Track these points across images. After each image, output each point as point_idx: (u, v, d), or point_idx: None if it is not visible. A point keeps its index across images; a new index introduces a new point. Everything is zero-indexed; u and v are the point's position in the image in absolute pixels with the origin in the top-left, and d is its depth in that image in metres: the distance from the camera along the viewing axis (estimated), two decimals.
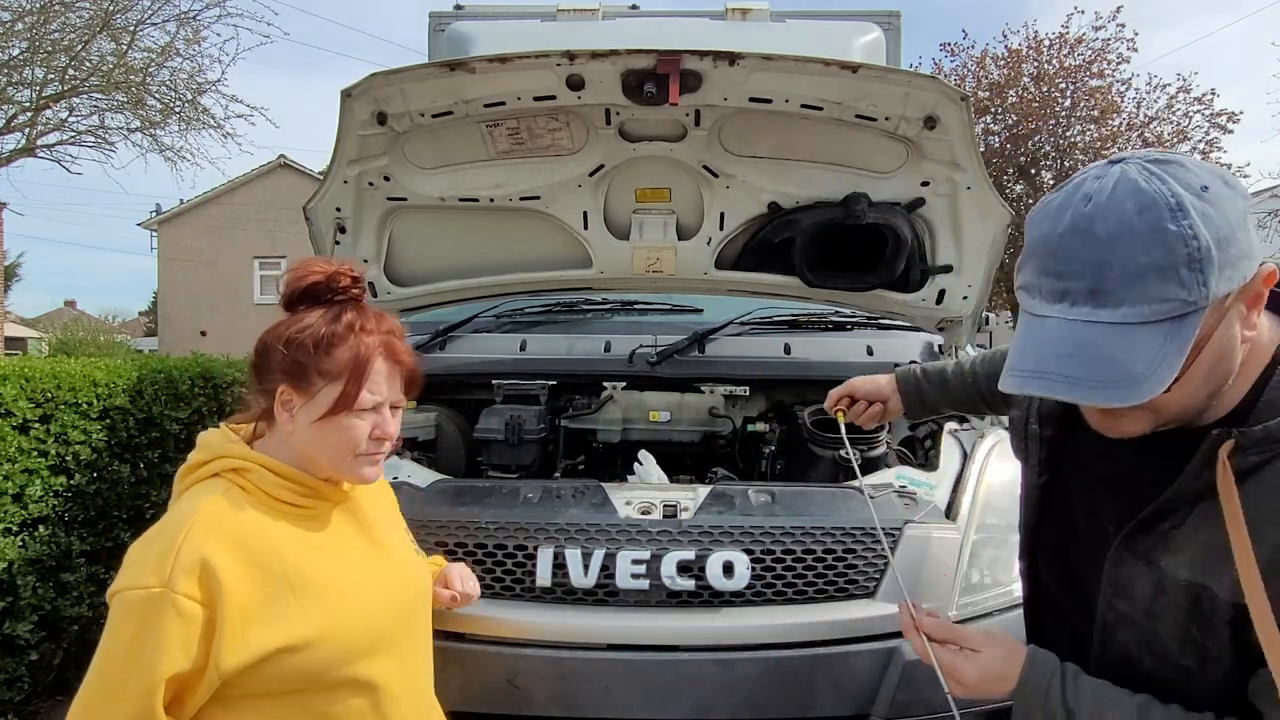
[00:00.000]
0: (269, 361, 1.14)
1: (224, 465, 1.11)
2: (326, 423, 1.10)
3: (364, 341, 1.13)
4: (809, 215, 2.45)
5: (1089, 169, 0.83)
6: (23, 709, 2.96)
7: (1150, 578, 0.89)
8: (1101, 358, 0.77)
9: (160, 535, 1.03)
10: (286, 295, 1.18)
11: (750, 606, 1.75)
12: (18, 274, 27.92)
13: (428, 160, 2.35)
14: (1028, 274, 0.83)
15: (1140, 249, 0.75)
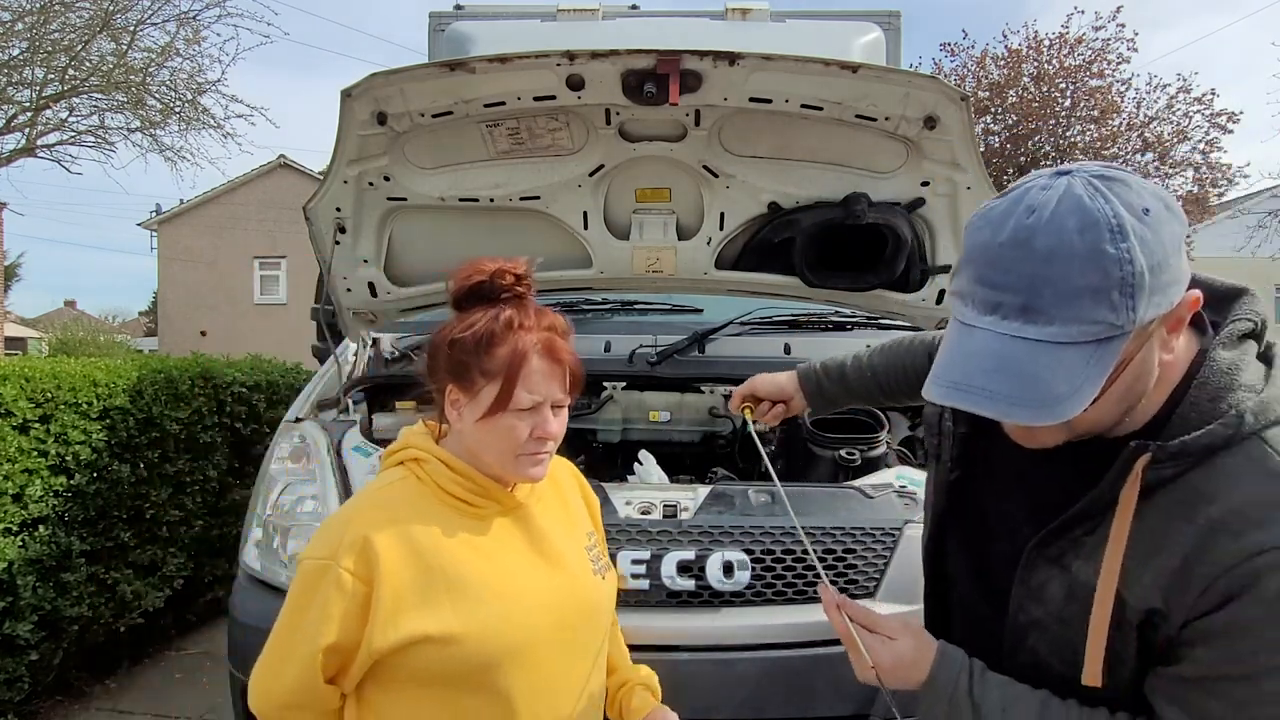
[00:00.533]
0: (437, 362, 1.17)
1: (408, 455, 1.18)
2: (488, 422, 1.12)
3: (522, 339, 1.12)
4: (809, 215, 2.45)
5: (1036, 177, 0.82)
6: (23, 709, 2.96)
7: (1062, 582, 0.91)
8: (1026, 375, 0.77)
9: (342, 512, 1.15)
10: (454, 295, 1.18)
11: (750, 606, 1.75)
12: (18, 274, 27.93)
13: (428, 160, 2.35)
14: (963, 281, 0.82)
15: (1077, 269, 0.75)
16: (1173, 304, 0.79)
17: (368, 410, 2.45)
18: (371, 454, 2.15)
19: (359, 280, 2.60)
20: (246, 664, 1.89)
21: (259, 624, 1.91)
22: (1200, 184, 15.69)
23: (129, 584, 3.30)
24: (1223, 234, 20.09)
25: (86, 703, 3.27)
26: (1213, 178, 15.60)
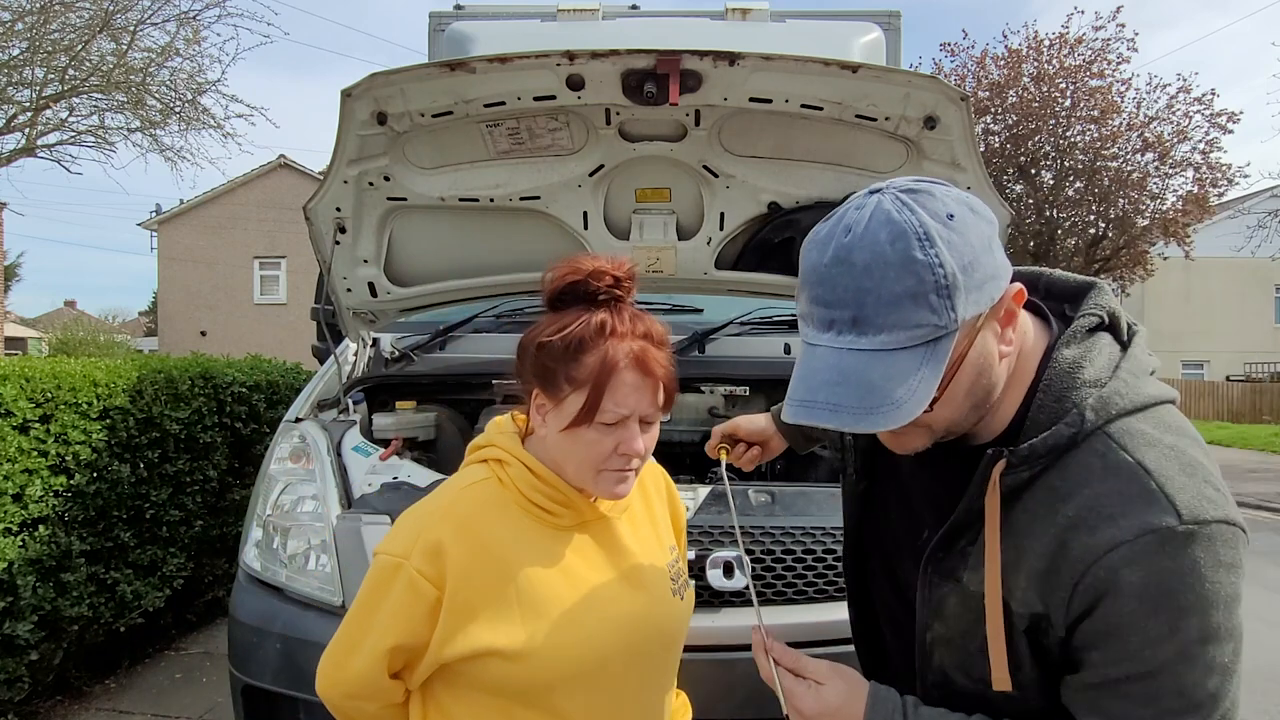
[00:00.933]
0: (524, 364, 1.12)
1: (491, 455, 1.13)
2: (571, 433, 1.05)
3: (613, 348, 1.04)
4: (809, 215, 2.45)
5: (851, 199, 0.86)
6: (23, 709, 2.96)
7: (957, 595, 0.92)
8: (864, 384, 0.80)
9: (422, 507, 1.10)
10: (548, 293, 1.10)
11: (751, 607, 1.75)
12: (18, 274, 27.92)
13: (428, 160, 2.35)
14: (802, 303, 0.86)
15: (894, 278, 0.78)
16: (994, 299, 0.83)
17: (368, 410, 2.45)
18: (371, 454, 2.15)
19: (359, 280, 2.60)
20: (246, 664, 1.90)
21: (259, 624, 1.92)
22: (1200, 184, 15.68)
23: (129, 584, 3.30)
24: (1223, 234, 20.12)
25: (86, 703, 3.27)
26: (1213, 178, 15.59)
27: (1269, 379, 24.31)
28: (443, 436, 2.53)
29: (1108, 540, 0.79)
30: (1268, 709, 3.61)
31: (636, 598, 1.12)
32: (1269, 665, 4.10)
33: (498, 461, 1.12)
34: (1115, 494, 0.81)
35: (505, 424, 1.19)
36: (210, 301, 23.45)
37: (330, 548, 1.90)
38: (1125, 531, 0.79)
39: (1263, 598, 5.40)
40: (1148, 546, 0.78)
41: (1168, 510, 0.79)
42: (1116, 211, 16.02)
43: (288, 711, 1.86)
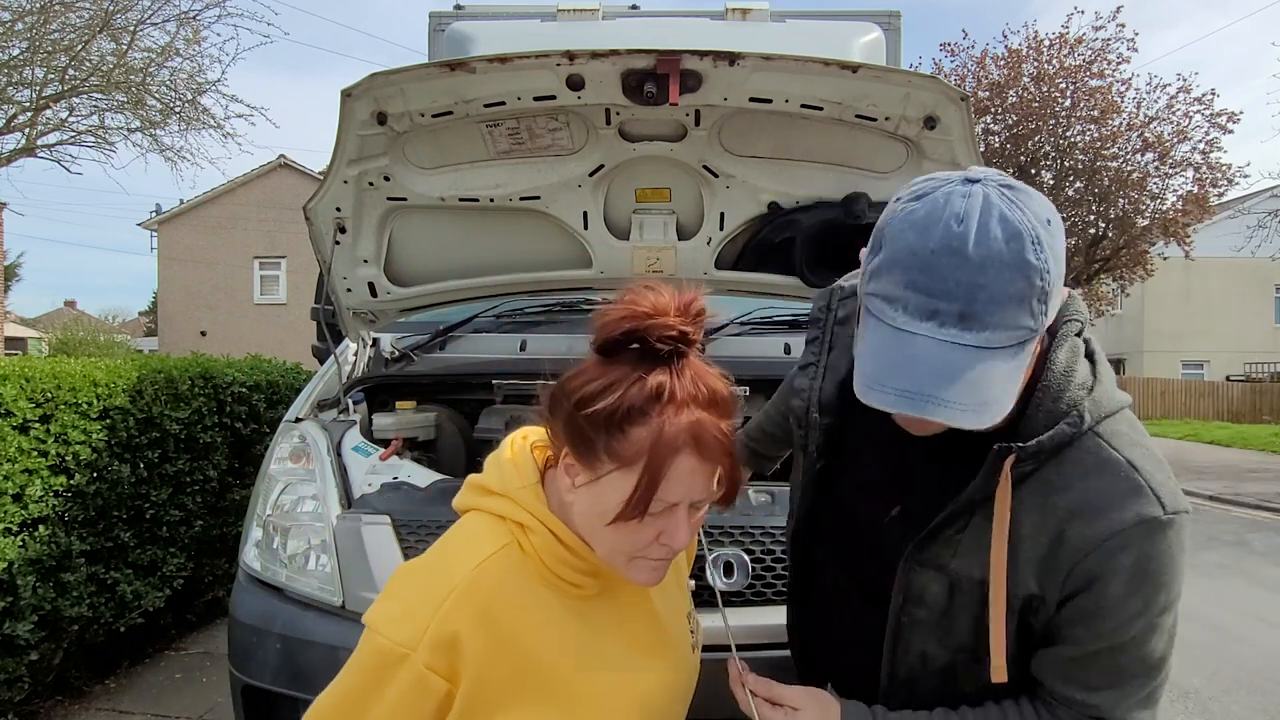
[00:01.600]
0: (556, 417, 0.92)
1: (512, 514, 0.95)
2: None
3: (670, 423, 0.86)
4: (809, 215, 2.45)
5: (947, 183, 0.84)
6: (23, 709, 2.96)
7: (942, 582, 0.97)
8: (968, 381, 0.80)
9: (432, 581, 0.91)
10: (597, 340, 0.90)
11: (750, 606, 1.75)
12: (18, 274, 27.93)
13: (428, 160, 2.35)
14: (889, 284, 0.83)
15: (1008, 278, 0.78)
16: (1058, 307, 0.87)
17: (368, 410, 2.45)
18: (371, 454, 2.15)
19: (359, 280, 2.60)
20: (246, 664, 1.90)
21: (259, 624, 1.92)
22: (1200, 184, 15.68)
23: (129, 584, 3.30)
24: (1223, 234, 20.11)
25: (86, 703, 3.27)
26: (1213, 178, 15.60)
27: (1269, 379, 24.31)
28: (443, 436, 2.53)
29: (1105, 529, 0.88)
30: (1267, 708, 3.61)
31: (661, 667, 1.04)
32: (1269, 665, 4.10)
33: (519, 525, 0.94)
34: (1110, 488, 0.89)
35: (523, 463, 0.99)
36: (210, 301, 23.45)
37: (330, 548, 1.90)
38: (1119, 521, 0.88)
39: (1263, 597, 5.40)
40: (1138, 534, 0.88)
41: (1154, 502, 0.88)
42: (1116, 211, 16.02)
43: (288, 711, 1.86)
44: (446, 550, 0.96)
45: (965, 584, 0.96)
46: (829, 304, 1.19)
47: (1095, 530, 0.88)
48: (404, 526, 1.86)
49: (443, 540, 0.98)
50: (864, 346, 0.86)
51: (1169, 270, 19.69)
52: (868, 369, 0.84)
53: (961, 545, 0.95)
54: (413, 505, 1.93)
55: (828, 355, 1.15)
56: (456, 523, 1.01)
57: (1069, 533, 0.89)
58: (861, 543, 1.10)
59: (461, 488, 1.03)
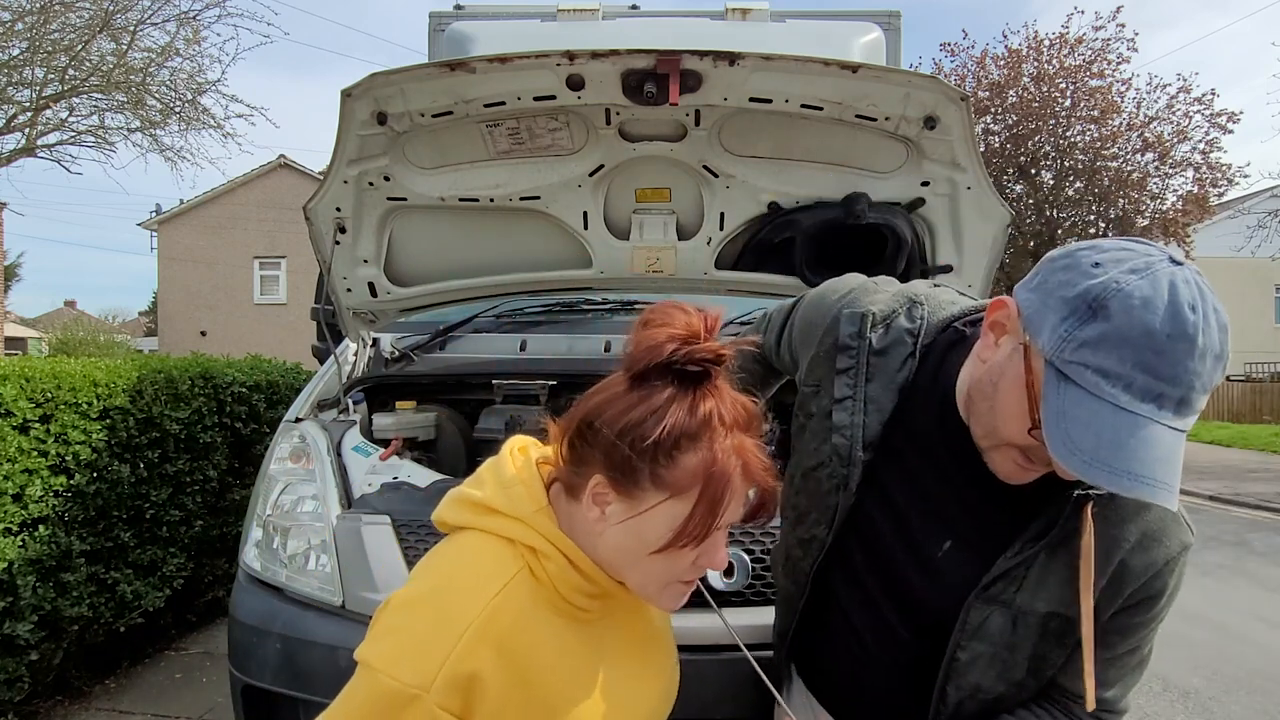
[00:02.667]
0: (591, 441, 0.87)
1: (524, 538, 0.89)
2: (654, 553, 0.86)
3: (720, 451, 0.84)
4: (809, 215, 2.45)
5: (1158, 260, 0.84)
6: (23, 709, 2.96)
7: (1006, 616, 1.02)
8: (1178, 463, 0.83)
9: (438, 613, 0.84)
10: (635, 368, 0.87)
11: (750, 606, 1.75)
12: (18, 274, 27.93)
13: (428, 160, 2.35)
14: (1112, 360, 0.82)
15: (1215, 368, 0.82)
16: None
17: (368, 410, 2.45)
18: (371, 454, 2.15)
19: (359, 280, 2.60)
20: (246, 664, 1.90)
21: (259, 624, 1.92)
22: (1200, 184, 15.67)
23: (129, 584, 3.30)
24: (1223, 234, 20.10)
25: (86, 703, 3.27)
26: (1213, 178, 15.59)
27: (1269, 379, 24.30)
28: (443, 436, 2.53)
29: (1161, 556, 1.00)
30: (1267, 709, 3.61)
31: (659, 683, 1.03)
32: (1269, 665, 4.10)
33: (530, 549, 0.89)
34: (1158, 520, 1.00)
35: (534, 484, 0.93)
36: (210, 301, 23.45)
37: (330, 548, 1.90)
38: (1171, 549, 1.00)
39: (1263, 597, 5.40)
40: (1181, 558, 1.01)
41: (1187, 530, 1.02)
42: (1116, 211, 16.01)
43: (288, 711, 1.86)
44: (451, 579, 0.88)
45: (1030, 618, 1.01)
46: (860, 331, 1.14)
47: (1153, 558, 0.99)
48: (404, 526, 1.86)
49: (439, 565, 0.91)
50: (1070, 418, 0.84)
51: None
52: (1085, 444, 0.83)
53: (1027, 580, 1.00)
54: (413, 505, 1.93)
55: (866, 387, 1.12)
56: (450, 543, 0.93)
57: (1130, 562, 0.99)
58: (904, 577, 1.10)
59: (451, 499, 0.96)
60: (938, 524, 1.07)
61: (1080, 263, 0.87)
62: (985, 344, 0.98)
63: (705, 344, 0.86)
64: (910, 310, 1.13)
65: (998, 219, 2.28)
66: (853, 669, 1.19)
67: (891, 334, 1.12)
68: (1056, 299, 0.86)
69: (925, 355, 1.11)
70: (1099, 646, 1.00)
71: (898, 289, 1.19)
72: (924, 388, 1.09)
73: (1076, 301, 0.84)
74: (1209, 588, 5.47)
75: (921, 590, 1.08)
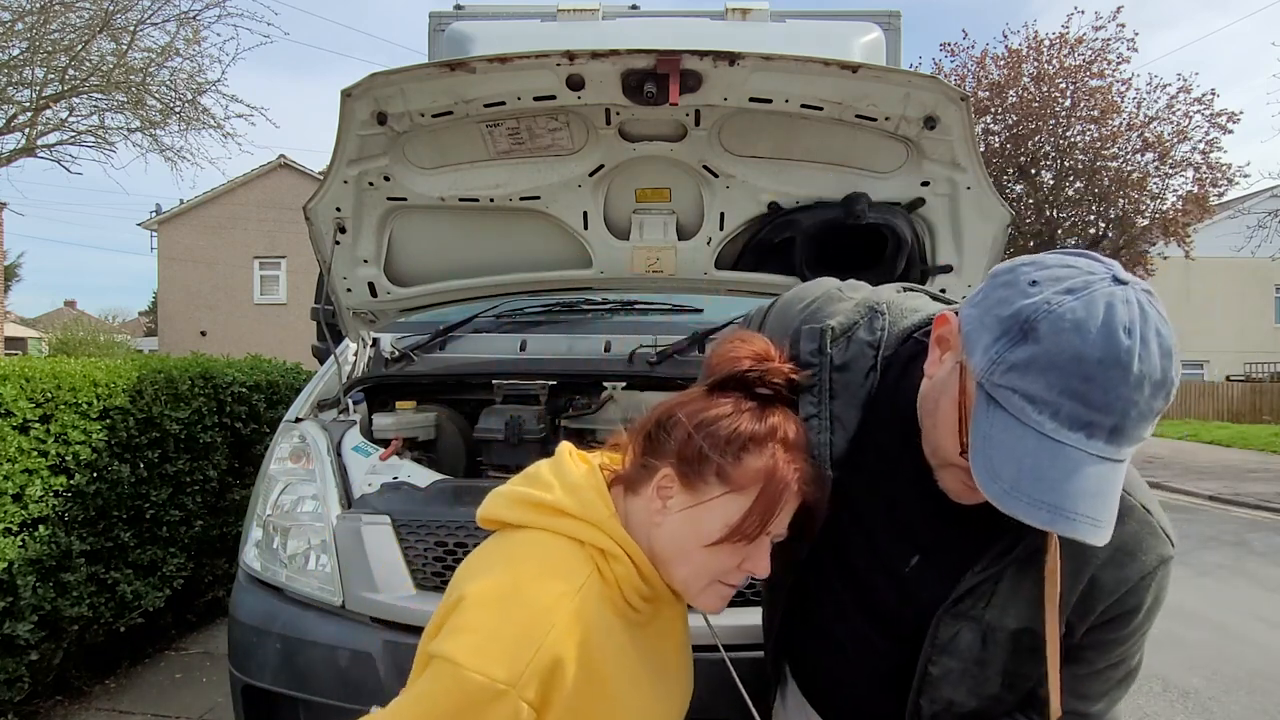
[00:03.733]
0: (668, 435, 0.96)
1: (594, 540, 0.93)
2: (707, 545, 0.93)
3: (782, 460, 0.93)
4: (809, 215, 2.45)
5: (1097, 279, 0.80)
6: (23, 709, 2.96)
7: (975, 631, 1.01)
8: (1108, 496, 0.79)
9: (521, 610, 0.86)
10: (722, 376, 0.98)
11: (750, 606, 1.75)
12: (18, 274, 27.93)
13: (428, 160, 2.35)
14: (1039, 386, 0.78)
15: (1154, 395, 0.77)
16: None
17: (368, 410, 2.45)
18: (371, 454, 2.15)
19: (359, 280, 2.60)
20: (246, 664, 1.90)
21: (259, 624, 1.92)
22: (1200, 184, 15.68)
23: (129, 584, 3.30)
24: (1223, 234, 20.12)
25: (86, 703, 3.27)
26: (1213, 178, 15.60)
27: (1269, 379, 24.31)
28: (443, 436, 2.53)
29: (1135, 572, 0.97)
30: (1267, 709, 3.61)
31: (680, 690, 1.08)
32: (1269, 665, 4.10)
33: (600, 551, 0.93)
34: (1133, 534, 0.96)
35: (602, 489, 0.97)
36: (210, 301, 23.45)
37: (330, 548, 1.90)
38: (1147, 565, 0.97)
39: (1263, 597, 5.40)
40: (1160, 573, 0.98)
41: (1166, 543, 0.99)
42: (1116, 211, 16.02)
43: (288, 711, 1.86)
44: (533, 576, 0.90)
45: (999, 634, 1.00)
46: (820, 347, 1.10)
47: (1126, 573, 0.96)
48: (404, 526, 1.86)
49: (514, 562, 0.92)
50: (995, 443, 0.82)
51: (1169, 270, 19.68)
52: (1006, 472, 0.80)
53: (996, 596, 0.99)
54: (413, 505, 1.93)
55: (830, 404, 1.09)
56: (517, 539, 0.95)
57: (1102, 578, 0.96)
58: (876, 591, 1.09)
59: (511, 499, 0.98)
60: (906, 540, 1.05)
61: (1019, 280, 0.83)
62: (931, 359, 0.95)
63: (778, 366, 1.00)
64: (871, 321, 1.09)
65: (998, 219, 2.28)
66: (836, 674, 1.19)
67: (852, 348, 1.09)
68: (992, 318, 0.83)
69: (887, 368, 1.07)
70: (1077, 663, 1.00)
71: (861, 297, 1.14)
72: (886, 402, 1.06)
73: (1009, 322, 0.81)
74: (1208, 588, 5.46)
75: (892, 605, 1.07)
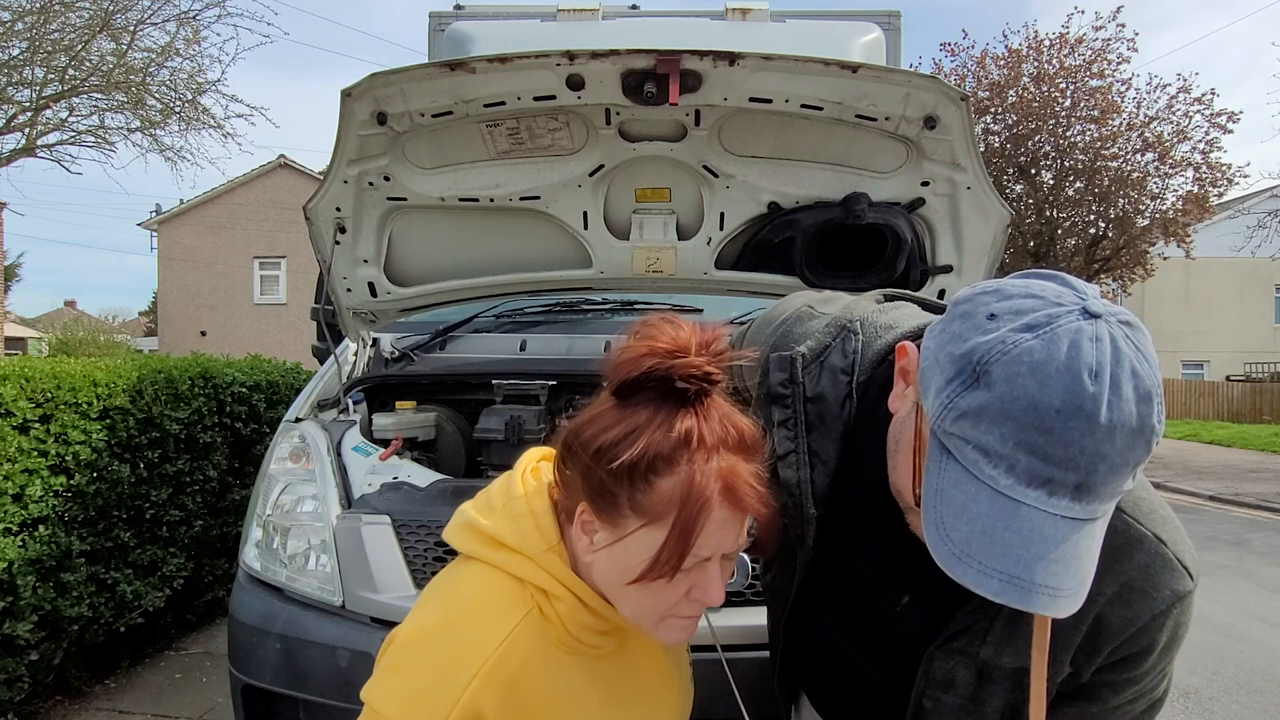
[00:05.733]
0: (570, 462, 0.85)
1: (532, 578, 0.85)
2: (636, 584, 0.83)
3: (700, 473, 0.78)
4: (809, 215, 2.45)
5: (1064, 312, 0.69)
6: (23, 709, 2.96)
7: (970, 668, 0.94)
8: (1077, 559, 0.70)
9: (447, 655, 0.81)
10: (614, 382, 0.82)
11: (750, 606, 1.75)
12: (18, 274, 27.92)
13: (428, 160, 2.35)
14: (992, 437, 0.69)
15: (1130, 446, 0.67)
16: None
17: (368, 410, 2.45)
18: (371, 454, 2.15)
19: (359, 280, 2.60)
20: (246, 664, 1.90)
21: (259, 624, 1.92)
22: (1200, 184, 15.68)
23: (129, 584, 3.30)
24: (1223, 234, 20.13)
25: (86, 703, 3.27)
26: (1213, 178, 15.59)
27: (1269, 379, 24.30)
28: (443, 436, 2.53)
29: (1145, 611, 0.86)
30: (1267, 709, 3.61)
31: (677, 698, 1.02)
32: (1269, 665, 4.10)
33: (540, 590, 0.85)
34: (1145, 569, 0.86)
35: (545, 519, 0.88)
36: (210, 301, 23.45)
37: (330, 548, 1.90)
38: (1159, 603, 0.86)
39: (1263, 598, 5.41)
40: (1175, 610, 0.87)
41: (1184, 576, 0.87)
42: (1116, 211, 16.02)
43: (287, 711, 1.86)
44: (459, 619, 0.85)
45: (996, 673, 0.92)
46: (791, 376, 1.01)
47: (1135, 612, 0.86)
48: (404, 526, 1.86)
49: (447, 601, 0.88)
50: (946, 499, 0.73)
51: (1169, 270, 19.70)
52: (956, 533, 0.72)
53: (992, 634, 0.91)
54: (413, 505, 1.93)
55: (807, 439, 1.01)
56: (459, 573, 0.90)
57: (1108, 617, 0.86)
58: (866, 629, 1.06)
59: (460, 523, 0.92)
60: (895, 578, 0.99)
61: (976, 311, 0.73)
62: (895, 392, 0.86)
63: (689, 360, 0.79)
64: (844, 344, 0.99)
65: (998, 219, 2.28)
66: (840, 694, 1.17)
67: (825, 375, 0.99)
68: (946, 355, 0.73)
69: (863, 395, 0.97)
70: (1090, 700, 0.93)
71: (834, 315, 1.04)
72: (864, 432, 0.96)
73: (961, 362, 0.71)
74: (1208, 588, 5.45)
75: (884, 643, 1.03)
